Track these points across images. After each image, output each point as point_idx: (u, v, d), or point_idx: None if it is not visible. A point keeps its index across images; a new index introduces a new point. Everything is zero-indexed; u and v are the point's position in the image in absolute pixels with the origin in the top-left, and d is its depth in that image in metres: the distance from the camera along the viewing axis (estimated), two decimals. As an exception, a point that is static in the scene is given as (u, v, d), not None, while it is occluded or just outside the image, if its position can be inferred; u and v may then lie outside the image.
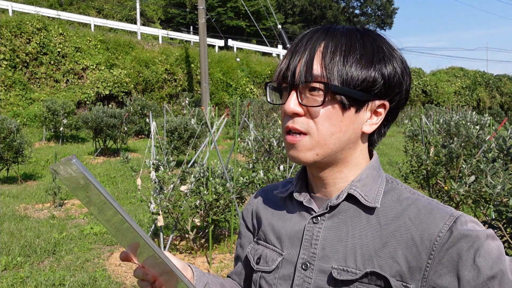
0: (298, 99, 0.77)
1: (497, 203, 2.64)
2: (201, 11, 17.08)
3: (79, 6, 26.16)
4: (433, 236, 0.72)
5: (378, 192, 0.81)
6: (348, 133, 0.79)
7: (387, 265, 0.74)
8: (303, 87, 0.77)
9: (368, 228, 0.78)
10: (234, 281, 1.03)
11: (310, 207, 0.85)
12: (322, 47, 0.76)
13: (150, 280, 0.76)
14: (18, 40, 15.94)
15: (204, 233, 4.81)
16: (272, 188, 0.99)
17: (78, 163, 0.60)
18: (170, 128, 9.71)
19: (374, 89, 0.77)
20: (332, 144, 0.78)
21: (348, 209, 0.81)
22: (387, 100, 0.80)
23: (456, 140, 4.95)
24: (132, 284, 3.99)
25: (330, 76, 0.75)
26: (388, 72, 0.77)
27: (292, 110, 0.77)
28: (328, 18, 40.57)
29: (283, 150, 7.51)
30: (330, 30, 0.79)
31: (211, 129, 5.05)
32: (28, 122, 14.64)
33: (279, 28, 13.53)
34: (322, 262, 0.79)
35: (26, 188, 7.80)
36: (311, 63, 0.75)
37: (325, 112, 0.76)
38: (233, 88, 21.54)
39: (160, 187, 4.53)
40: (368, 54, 0.77)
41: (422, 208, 0.76)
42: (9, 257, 4.48)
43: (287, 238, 0.87)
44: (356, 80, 0.75)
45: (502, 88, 32.55)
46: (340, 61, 0.75)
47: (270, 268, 0.87)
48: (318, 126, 0.77)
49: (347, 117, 0.77)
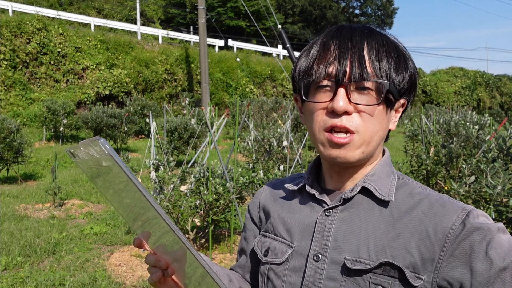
0: (348, 97, 0.76)
1: (497, 203, 2.64)
2: (201, 11, 17.08)
3: (79, 6, 26.16)
4: (446, 229, 0.74)
5: (391, 186, 0.83)
6: (385, 131, 0.82)
7: (401, 256, 0.75)
8: (353, 86, 0.77)
9: (381, 220, 0.80)
10: (239, 273, 1.03)
11: (322, 199, 0.86)
12: (367, 46, 0.77)
13: (162, 267, 0.74)
14: (18, 40, 15.94)
15: (204, 233, 4.81)
16: (280, 182, 1.00)
17: (105, 143, 0.59)
18: (170, 128, 9.71)
19: (404, 88, 0.81)
20: (375, 142, 0.80)
21: (362, 202, 0.82)
22: (405, 99, 0.84)
23: (456, 140, 4.95)
24: (132, 284, 3.99)
25: (381, 75, 0.77)
26: (413, 72, 0.82)
27: (344, 108, 0.76)
28: (328, 18, 40.56)
29: (283, 150, 7.50)
30: (365, 29, 0.80)
31: (211, 129, 5.06)
32: (28, 122, 14.64)
33: (279, 28, 13.52)
34: (335, 253, 0.80)
35: (26, 188, 7.80)
36: (363, 62, 0.76)
37: (375, 111, 0.78)
38: (233, 88, 21.54)
39: (160, 187, 4.53)
40: (400, 55, 0.80)
41: (435, 202, 0.78)
42: (9, 257, 4.48)
43: (298, 230, 0.87)
44: (398, 80, 0.79)
45: (502, 88, 32.55)
46: (385, 61, 0.77)
47: (279, 260, 0.87)
48: (367, 124, 0.77)
49: (388, 115, 0.81)
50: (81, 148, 0.62)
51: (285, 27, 34.69)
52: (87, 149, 0.61)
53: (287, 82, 23.31)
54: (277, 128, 8.18)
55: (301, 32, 39.57)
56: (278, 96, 22.50)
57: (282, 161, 7.50)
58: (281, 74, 23.18)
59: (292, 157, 7.54)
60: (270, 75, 23.32)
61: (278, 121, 10.58)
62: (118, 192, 0.66)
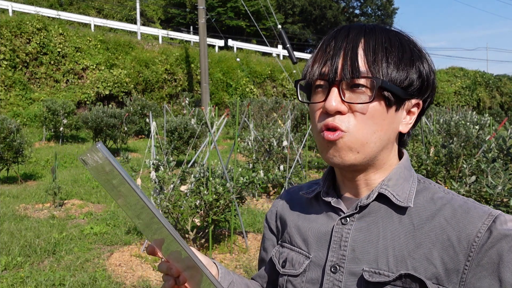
0: (341, 96, 0.74)
1: (497, 203, 2.64)
2: (201, 11, 17.08)
3: (79, 6, 26.16)
4: (471, 237, 0.69)
5: (410, 191, 0.78)
6: (389, 132, 0.77)
7: (422, 267, 0.72)
8: (345, 84, 0.74)
9: (401, 228, 0.76)
10: (258, 283, 1.01)
11: (339, 207, 0.83)
12: (363, 44, 0.74)
13: (174, 275, 0.74)
14: (18, 40, 15.94)
15: (204, 233, 4.81)
16: (297, 189, 0.97)
17: (103, 148, 0.59)
18: (170, 128, 9.71)
19: (413, 87, 0.76)
20: (373, 143, 0.75)
21: (379, 209, 0.79)
22: (421, 100, 0.79)
23: (456, 140, 4.94)
24: (132, 284, 3.99)
25: (376, 72, 0.73)
26: (425, 71, 0.77)
27: (335, 108, 0.73)
28: (328, 18, 40.56)
29: (283, 150, 7.50)
30: (367, 28, 0.77)
31: (211, 129, 5.05)
32: (28, 122, 14.64)
33: (279, 28, 13.51)
34: (352, 265, 0.77)
35: (26, 188, 7.80)
36: (355, 59, 0.73)
37: (370, 109, 0.74)
38: (233, 88, 21.54)
39: (160, 187, 4.53)
40: (407, 52, 0.76)
41: (458, 208, 0.74)
42: (9, 257, 4.48)
43: (314, 240, 0.84)
44: (399, 78, 0.74)
45: (502, 88, 32.55)
46: (383, 58, 0.74)
47: (297, 271, 0.85)
48: (361, 124, 0.74)
49: (389, 115, 0.76)
50: (87, 155, 0.62)
51: (285, 27, 34.69)
52: (92, 155, 0.61)
53: (287, 82, 23.32)
54: (277, 128, 8.18)
55: (301, 32, 39.57)
56: (278, 96, 22.51)
57: (282, 161, 7.50)
58: (281, 74, 23.18)
59: (292, 157, 7.54)
60: (270, 75, 23.32)
61: (278, 121, 10.58)
62: (125, 198, 0.66)
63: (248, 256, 4.69)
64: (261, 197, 7.27)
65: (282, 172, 6.78)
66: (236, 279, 0.90)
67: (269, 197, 7.33)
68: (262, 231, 1.66)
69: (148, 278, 4.11)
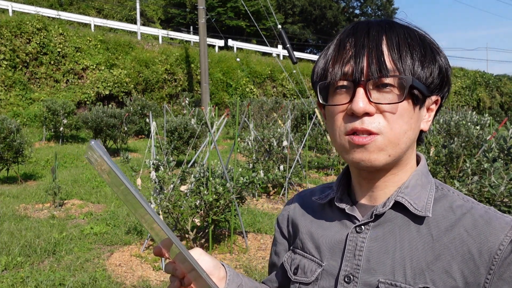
0: (368, 96, 0.70)
1: (498, 203, 2.63)
2: (201, 11, 17.08)
3: (79, 6, 26.16)
4: (493, 249, 0.66)
5: (428, 199, 0.75)
6: (416, 131, 0.75)
7: (441, 281, 0.69)
8: (372, 84, 0.71)
9: (419, 239, 0.72)
10: (268, 287, 0.99)
11: (353, 215, 0.79)
12: (386, 40, 0.71)
13: (179, 276, 0.73)
14: (18, 40, 15.93)
15: (204, 233, 4.80)
16: (309, 193, 0.94)
17: (97, 145, 0.58)
18: (170, 128, 9.71)
19: (434, 84, 0.73)
20: (404, 144, 0.72)
21: (396, 218, 0.75)
22: (440, 96, 0.76)
23: (456, 140, 4.94)
24: (132, 284, 3.99)
25: (403, 70, 0.70)
26: (444, 66, 0.74)
27: (363, 109, 0.69)
28: (328, 18, 40.56)
29: (283, 150, 7.50)
30: (386, 23, 0.74)
31: (211, 129, 5.05)
32: (28, 122, 14.64)
33: (279, 28, 13.50)
34: (367, 275, 0.74)
35: (26, 188, 7.79)
36: (382, 57, 0.69)
37: (400, 109, 0.71)
38: (233, 88, 21.54)
39: (160, 187, 4.53)
40: (427, 48, 0.73)
41: (479, 218, 0.70)
42: (9, 257, 4.48)
43: (327, 248, 0.81)
44: (424, 75, 0.71)
45: (502, 88, 32.56)
46: (407, 55, 0.70)
47: (308, 279, 0.82)
48: (392, 124, 0.70)
49: (416, 113, 0.73)
50: (89, 153, 0.61)
51: (285, 27, 34.68)
52: (92, 154, 0.60)
53: (287, 82, 23.31)
54: (277, 128, 8.18)
55: (301, 32, 39.57)
56: (278, 96, 22.50)
57: (282, 161, 7.49)
58: (281, 74, 23.18)
59: (292, 157, 7.54)
60: (270, 75, 23.32)
61: (278, 121, 10.58)
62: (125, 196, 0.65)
63: (248, 256, 4.68)
64: (261, 197, 7.27)
65: (282, 172, 6.78)
66: (246, 282, 0.88)
67: (269, 197, 7.33)
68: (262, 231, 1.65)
69: (148, 278, 4.10)
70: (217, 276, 0.80)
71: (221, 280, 0.81)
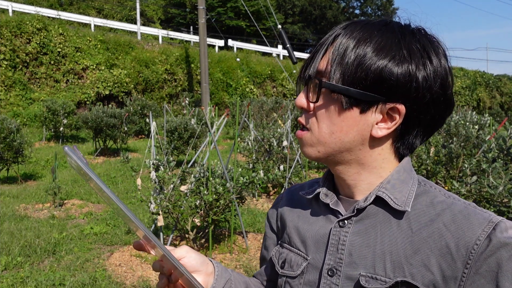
0: (306, 94, 0.77)
1: (497, 203, 2.64)
2: (201, 11, 17.08)
3: (79, 6, 26.17)
4: (470, 244, 0.67)
5: (409, 195, 0.76)
6: (352, 134, 0.74)
7: (419, 274, 0.70)
8: (312, 83, 0.76)
9: (399, 233, 0.74)
10: (259, 280, 1.01)
11: (337, 209, 0.81)
12: (335, 42, 0.74)
13: (166, 274, 0.75)
14: (18, 40, 15.93)
15: (204, 233, 4.81)
16: (299, 188, 0.95)
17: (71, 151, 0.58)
18: (170, 128, 9.71)
19: (381, 89, 0.71)
20: (333, 144, 0.75)
21: (377, 213, 0.77)
22: (401, 104, 0.71)
23: (456, 140, 4.94)
24: (132, 284, 3.99)
25: (332, 73, 0.72)
26: (399, 72, 0.70)
27: (299, 104, 0.78)
28: (328, 18, 40.55)
29: (283, 150, 7.51)
30: (351, 25, 0.75)
31: (211, 129, 5.05)
32: (28, 122, 14.64)
33: (279, 28, 13.50)
34: (349, 269, 0.76)
35: (26, 188, 7.80)
36: (318, 59, 0.75)
37: (325, 110, 0.75)
38: (233, 88, 21.54)
39: (160, 187, 4.53)
40: (381, 50, 0.70)
41: (458, 213, 0.71)
42: (9, 257, 4.48)
43: (312, 242, 0.83)
44: (359, 78, 0.70)
45: (502, 88, 32.54)
46: (348, 57, 0.71)
47: (295, 273, 0.84)
48: (319, 123, 0.76)
49: (350, 117, 0.73)
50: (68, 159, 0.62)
51: (285, 27, 34.68)
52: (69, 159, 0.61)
53: (287, 82, 23.32)
54: (277, 128, 8.18)
55: (301, 32, 39.56)
56: (278, 96, 22.50)
57: (282, 161, 7.49)
58: (281, 74, 23.18)
59: (292, 157, 7.54)
60: (270, 75, 23.32)
61: (278, 121, 10.58)
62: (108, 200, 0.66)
63: (248, 256, 4.69)
64: (261, 197, 7.27)
65: (282, 172, 6.78)
66: (235, 276, 0.89)
67: (269, 197, 7.33)
68: (262, 231, 1.66)
69: (148, 278, 4.10)
70: (205, 272, 0.82)
71: (209, 276, 0.83)
